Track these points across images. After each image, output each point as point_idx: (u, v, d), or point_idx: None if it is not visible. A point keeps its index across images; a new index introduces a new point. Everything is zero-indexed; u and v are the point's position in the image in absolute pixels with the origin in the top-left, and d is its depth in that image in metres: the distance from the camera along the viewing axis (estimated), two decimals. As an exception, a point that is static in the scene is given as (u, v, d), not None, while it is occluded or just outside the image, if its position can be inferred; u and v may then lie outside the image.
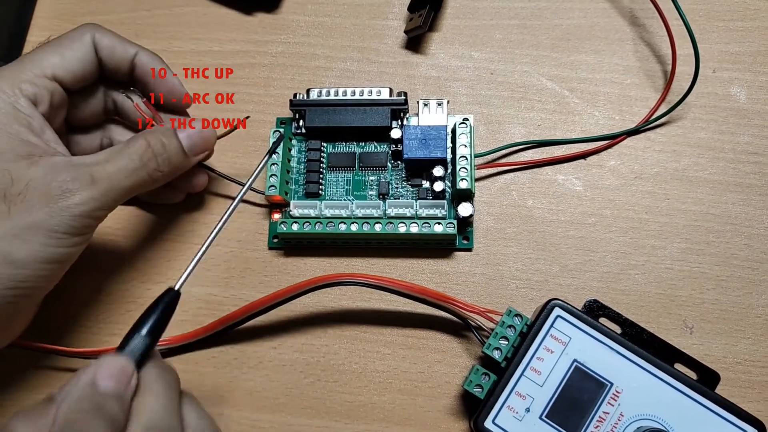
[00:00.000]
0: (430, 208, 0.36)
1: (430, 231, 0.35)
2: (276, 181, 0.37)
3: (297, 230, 0.36)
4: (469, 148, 0.36)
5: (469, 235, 0.37)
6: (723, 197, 0.37)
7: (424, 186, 0.37)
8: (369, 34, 0.42)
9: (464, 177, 0.35)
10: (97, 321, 0.37)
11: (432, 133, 0.37)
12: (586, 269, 0.36)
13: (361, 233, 0.36)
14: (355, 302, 0.37)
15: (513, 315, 0.33)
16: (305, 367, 0.36)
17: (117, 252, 0.38)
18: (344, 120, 0.38)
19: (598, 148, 0.38)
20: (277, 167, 0.37)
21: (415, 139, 0.37)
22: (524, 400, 0.31)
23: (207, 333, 0.35)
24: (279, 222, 0.36)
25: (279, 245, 0.38)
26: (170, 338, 0.35)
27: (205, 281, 0.37)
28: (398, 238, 0.36)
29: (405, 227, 0.35)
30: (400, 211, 0.36)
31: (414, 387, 0.35)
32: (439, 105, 0.38)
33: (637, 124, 0.38)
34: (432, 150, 0.36)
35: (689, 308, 0.35)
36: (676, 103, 0.37)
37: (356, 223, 0.36)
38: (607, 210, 0.37)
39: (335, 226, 0.36)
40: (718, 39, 0.40)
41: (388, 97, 0.38)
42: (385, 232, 0.36)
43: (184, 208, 0.39)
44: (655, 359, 0.31)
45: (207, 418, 0.27)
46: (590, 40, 0.41)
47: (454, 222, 0.35)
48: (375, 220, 0.36)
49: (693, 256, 0.36)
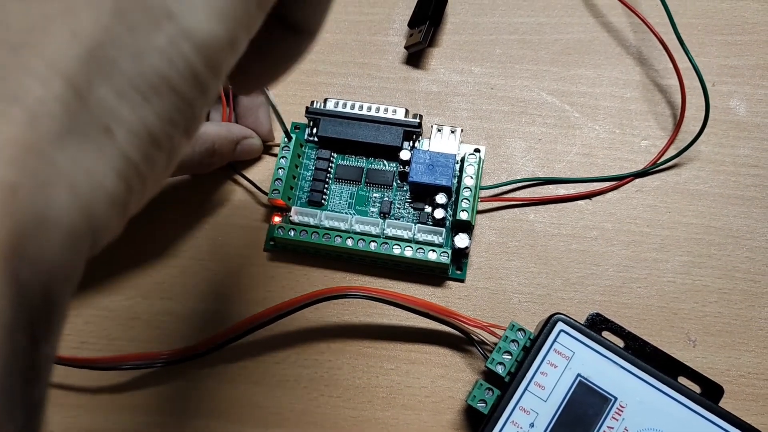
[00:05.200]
0: (427, 234, 0.36)
1: (424, 257, 0.35)
2: (280, 185, 0.37)
3: (294, 237, 0.36)
4: (474, 180, 0.36)
5: (463, 266, 0.37)
6: (724, 210, 0.37)
7: (426, 211, 0.38)
8: (370, 50, 0.42)
9: (465, 208, 0.36)
10: (102, 337, 0.37)
11: (440, 160, 0.37)
12: (588, 283, 0.36)
13: (355, 249, 0.36)
14: (357, 317, 0.37)
15: (516, 329, 0.33)
16: (309, 383, 0.36)
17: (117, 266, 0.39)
18: (357, 134, 0.38)
19: (605, 189, 0.38)
20: (283, 171, 0.37)
21: (423, 163, 0.37)
22: (528, 415, 0.31)
23: (208, 346, 0.35)
24: (277, 227, 0.36)
25: (275, 248, 0.38)
26: (169, 352, 0.35)
27: (203, 294, 0.37)
28: (391, 260, 0.36)
29: (399, 249, 0.36)
30: (398, 232, 0.36)
31: (418, 402, 0.35)
32: (452, 132, 0.38)
33: (645, 166, 0.38)
34: (438, 177, 0.36)
35: (692, 321, 0.35)
36: (686, 147, 0.37)
37: (352, 238, 0.36)
38: (609, 223, 0.37)
39: (331, 239, 0.36)
40: (717, 53, 0.40)
41: (403, 117, 0.38)
42: (379, 251, 0.36)
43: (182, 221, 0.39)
44: (659, 373, 0.31)
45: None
46: (590, 55, 0.41)
47: (448, 252, 0.35)
48: (371, 238, 0.36)
49: (695, 269, 0.36)
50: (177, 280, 0.38)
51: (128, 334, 0.37)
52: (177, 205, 0.39)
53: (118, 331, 0.37)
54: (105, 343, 0.37)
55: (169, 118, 0.15)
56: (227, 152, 0.37)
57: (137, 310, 0.37)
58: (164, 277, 0.38)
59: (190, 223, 0.39)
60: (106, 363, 0.35)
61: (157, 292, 0.38)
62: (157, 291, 0.38)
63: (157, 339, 0.37)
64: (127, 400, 0.36)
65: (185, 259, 0.38)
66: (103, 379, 0.36)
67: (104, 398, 0.36)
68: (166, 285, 0.38)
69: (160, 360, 0.35)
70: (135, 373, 0.36)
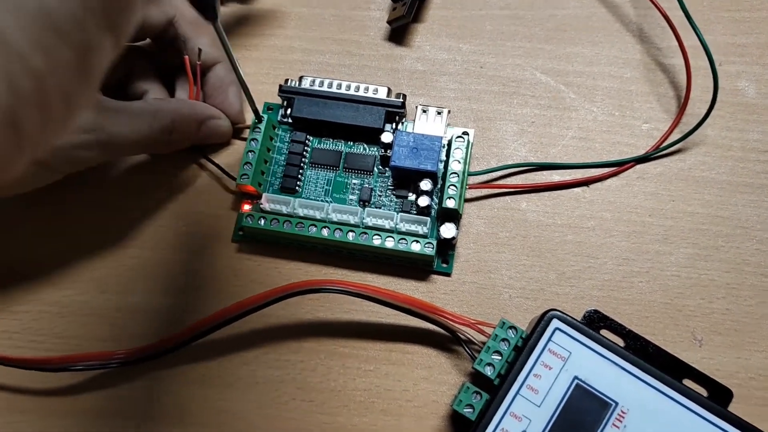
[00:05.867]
0: (411, 224, 0.33)
1: (407, 248, 0.32)
2: (250, 170, 0.34)
3: (264, 226, 0.33)
4: (462, 165, 0.33)
5: (450, 258, 0.34)
6: (732, 199, 0.34)
7: (410, 199, 0.35)
8: (349, 26, 0.40)
9: (452, 195, 0.33)
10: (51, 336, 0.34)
11: (425, 142, 0.34)
12: (585, 277, 0.34)
13: (332, 240, 0.33)
14: (333, 314, 0.34)
15: (507, 327, 0.30)
16: (279, 385, 0.33)
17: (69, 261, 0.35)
18: (335, 115, 0.35)
19: (603, 175, 0.35)
20: (253, 155, 0.34)
21: (406, 146, 0.34)
22: (520, 422, 0.28)
23: (169, 345, 0.32)
24: (246, 215, 0.33)
25: (244, 239, 0.35)
26: (125, 351, 0.32)
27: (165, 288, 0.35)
28: (371, 251, 0.34)
29: (380, 240, 0.33)
30: (379, 222, 0.33)
31: (398, 407, 0.32)
32: (438, 114, 0.35)
33: (647, 151, 0.35)
34: (422, 161, 0.33)
35: (698, 319, 0.33)
36: (690, 131, 0.35)
37: (328, 227, 0.33)
38: (608, 213, 0.35)
39: (305, 228, 0.33)
40: (724, 30, 0.38)
41: (385, 97, 0.35)
42: (358, 242, 0.33)
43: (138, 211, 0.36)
44: (664, 375, 0.28)
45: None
46: (587, 32, 0.38)
47: (433, 242, 0.32)
48: (349, 228, 0.33)
49: (701, 263, 0.33)
50: (136, 273, 0.35)
51: (82, 332, 0.34)
52: (136, 191, 0.37)
53: (71, 329, 0.34)
54: (56, 342, 0.34)
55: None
56: (189, 131, 0.35)
57: (92, 306, 0.35)
58: (122, 270, 0.35)
59: (151, 210, 0.36)
60: (56, 364, 0.33)
61: (113, 286, 0.35)
62: (114, 285, 0.35)
63: (114, 337, 0.34)
64: (80, 404, 0.33)
65: (145, 249, 0.36)
66: (53, 381, 0.33)
67: (55, 402, 0.33)
68: (123, 278, 0.35)
69: (115, 360, 0.33)
70: (89, 375, 0.33)
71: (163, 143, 0.34)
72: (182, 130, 0.34)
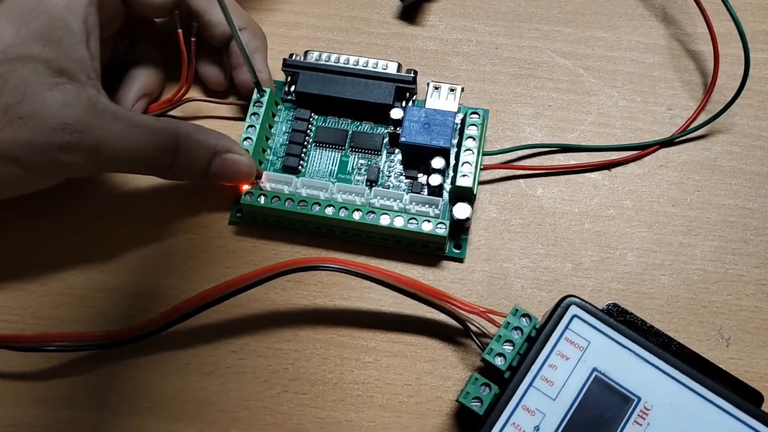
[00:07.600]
0: (421, 205, 0.31)
1: (417, 228, 0.30)
2: (250, 146, 0.32)
3: (263, 204, 0.31)
4: (477, 143, 0.31)
5: (462, 243, 0.32)
6: (762, 190, 0.33)
7: (420, 180, 0.32)
8: (359, 3, 0.38)
9: (466, 173, 0.31)
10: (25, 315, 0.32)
11: (438, 118, 0.32)
12: (603, 268, 0.31)
13: (336, 219, 0.31)
14: (332, 300, 0.31)
15: (520, 315, 0.28)
16: (270, 376, 0.30)
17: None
18: (341, 91, 0.33)
19: (624, 158, 0.33)
20: (254, 130, 0.32)
21: (417, 122, 0.32)
22: (533, 417, 0.25)
23: (149, 328, 0.29)
24: (245, 193, 0.31)
25: (242, 220, 0.33)
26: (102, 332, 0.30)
27: (156, 269, 0.32)
28: (378, 232, 0.31)
29: (388, 219, 0.30)
30: (387, 202, 0.31)
31: (399, 403, 0.30)
32: (452, 91, 0.33)
33: (673, 134, 0.34)
34: (434, 137, 0.31)
35: (725, 316, 0.30)
36: (719, 111, 0.33)
37: (332, 206, 0.31)
38: (629, 201, 0.33)
39: (308, 207, 0.31)
40: (752, 18, 0.36)
41: (395, 72, 0.33)
42: (364, 221, 0.31)
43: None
44: (692, 370, 0.26)
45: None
46: (608, 15, 0.37)
47: (445, 223, 0.30)
48: (354, 207, 0.31)
49: (728, 256, 0.31)
50: (120, 251, 0.33)
51: (57, 313, 0.32)
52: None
53: (47, 309, 0.32)
54: (30, 323, 0.32)
55: None
56: (197, 161, 0.30)
57: (70, 284, 0.32)
58: (106, 247, 0.33)
59: (140, 186, 0.34)
60: (26, 342, 0.30)
61: (95, 265, 0.33)
62: (96, 263, 0.33)
63: (92, 320, 0.32)
64: (50, 391, 0.30)
65: (131, 227, 0.33)
66: (22, 363, 0.31)
67: (22, 386, 0.30)
68: (106, 256, 0.33)
69: (90, 342, 0.30)
70: (61, 358, 0.31)
71: (163, 167, 0.30)
72: (189, 157, 0.30)
